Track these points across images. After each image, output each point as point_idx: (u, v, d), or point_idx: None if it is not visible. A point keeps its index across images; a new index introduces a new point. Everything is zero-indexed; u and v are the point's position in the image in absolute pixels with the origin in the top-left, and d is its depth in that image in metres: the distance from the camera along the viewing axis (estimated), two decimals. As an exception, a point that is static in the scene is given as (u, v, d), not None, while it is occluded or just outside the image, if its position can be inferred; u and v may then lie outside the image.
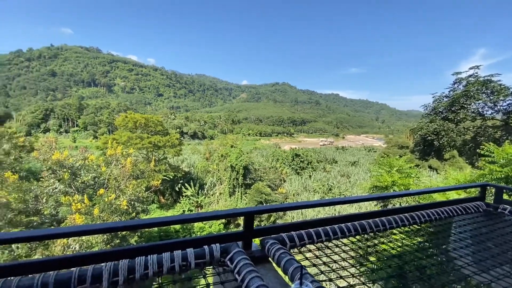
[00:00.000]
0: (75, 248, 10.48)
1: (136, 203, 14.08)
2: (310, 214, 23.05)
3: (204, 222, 21.53)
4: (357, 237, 1.55)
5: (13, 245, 9.86)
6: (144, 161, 26.08)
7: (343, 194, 30.58)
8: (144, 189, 15.50)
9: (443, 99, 43.04)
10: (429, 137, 40.20)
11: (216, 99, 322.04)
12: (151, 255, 1.02)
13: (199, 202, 29.19)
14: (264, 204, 25.36)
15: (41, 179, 13.66)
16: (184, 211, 28.53)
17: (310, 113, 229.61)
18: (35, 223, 11.93)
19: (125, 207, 12.70)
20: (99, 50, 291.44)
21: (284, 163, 42.82)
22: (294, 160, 43.12)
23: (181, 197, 30.38)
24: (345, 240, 1.52)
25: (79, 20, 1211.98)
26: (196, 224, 21.59)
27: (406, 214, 1.78)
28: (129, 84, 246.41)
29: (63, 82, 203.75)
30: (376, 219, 1.67)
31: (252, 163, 33.37)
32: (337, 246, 1.46)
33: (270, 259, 1.23)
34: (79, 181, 13.80)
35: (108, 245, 11.58)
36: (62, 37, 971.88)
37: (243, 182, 29.99)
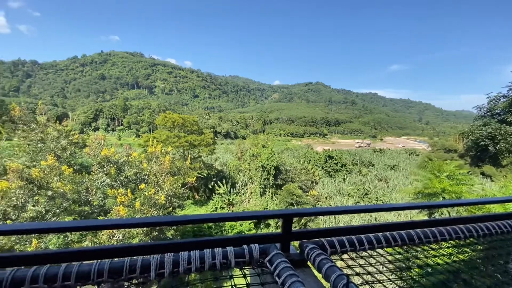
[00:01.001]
0: (118, 237, 11.37)
1: (173, 199, 14.78)
2: (344, 219, 22.15)
3: (236, 221, 21.95)
4: (404, 247, 1.44)
5: (67, 231, 11.06)
6: (181, 159, 27.44)
7: (380, 200, 28.84)
8: (180, 185, 16.19)
9: (500, 100, 38.58)
10: (482, 142, 36.22)
11: (249, 99, 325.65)
12: (194, 251, 1.05)
13: (231, 200, 29.79)
14: (295, 206, 25.01)
15: (91, 172, 15.08)
16: (216, 208, 29.37)
17: (345, 113, 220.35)
18: (85, 212, 13.17)
19: (163, 202, 13.43)
20: (142, 54, 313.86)
21: (316, 165, 41.72)
22: (327, 162, 41.79)
23: (214, 194, 31.34)
24: (389, 250, 1.42)
25: (125, 28, 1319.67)
26: (227, 221, 22.05)
27: (461, 226, 1.60)
28: (168, 86, 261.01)
29: (111, 85, 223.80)
30: (426, 229, 1.53)
31: (283, 164, 33.12)
32: (381, 255, 1.36)
33: (309, 263, 1.19)
34: (123, 176, 14.95)
35: (147, 237, 12.36)
36: (111, 44, 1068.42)
37: (273, 182, 29.91)
